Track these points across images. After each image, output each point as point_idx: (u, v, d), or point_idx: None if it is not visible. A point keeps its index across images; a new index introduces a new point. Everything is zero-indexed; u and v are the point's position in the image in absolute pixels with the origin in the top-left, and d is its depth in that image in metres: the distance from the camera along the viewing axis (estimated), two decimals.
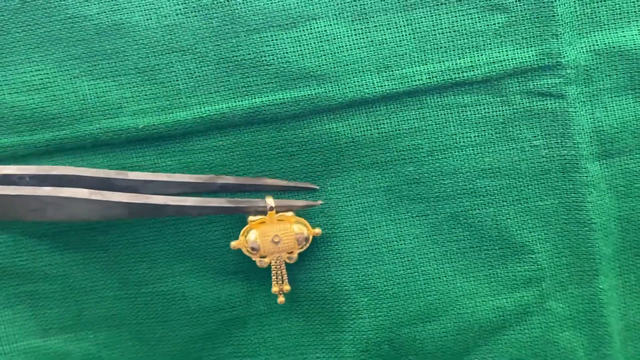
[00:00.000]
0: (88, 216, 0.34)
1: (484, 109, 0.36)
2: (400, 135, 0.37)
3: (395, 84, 0.36)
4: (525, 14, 0.35)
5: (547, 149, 0.37)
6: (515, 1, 0.35)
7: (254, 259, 0.37)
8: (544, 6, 0.35)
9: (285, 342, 0.40)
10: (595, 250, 0.38)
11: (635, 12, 0.36)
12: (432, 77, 0.36)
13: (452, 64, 0.36)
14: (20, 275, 0.38)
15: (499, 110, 0.36)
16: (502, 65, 0.36)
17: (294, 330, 0.40)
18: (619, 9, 0.36)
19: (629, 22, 0.36)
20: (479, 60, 0.36)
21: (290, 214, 0.36)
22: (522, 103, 0.36)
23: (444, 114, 0.36)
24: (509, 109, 0.36)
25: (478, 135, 0.37)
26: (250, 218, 0.36)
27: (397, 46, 0.36)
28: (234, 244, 0.36)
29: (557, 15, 0.35)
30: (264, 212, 0.36)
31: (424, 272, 0.39)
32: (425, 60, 0.36)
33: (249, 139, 0.37)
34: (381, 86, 0.36)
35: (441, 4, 0.35)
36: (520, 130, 0.37)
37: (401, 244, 0.38)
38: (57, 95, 0.36)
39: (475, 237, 0.38)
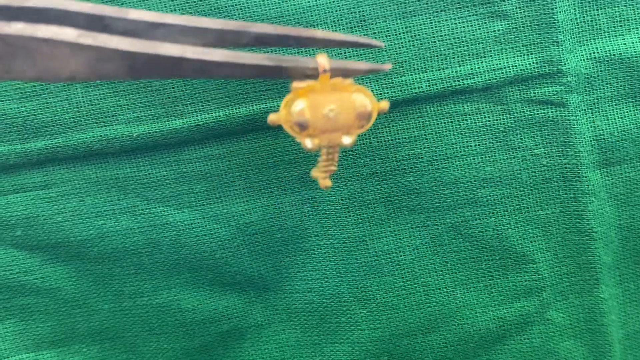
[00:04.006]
0: (72, 73, 0.25)
1: (485, 117, 0.36)
2: (400, 144, 0.37)
3: (394, 92, 0.36)
4: (526, 21, 0.35)
5: (548, 158, 0.37)
6: (516, 8, 0.35)
7: (299, 139, 0.28)
8: (544, 13, 0.35)
9: (282, 354, 0.40)
10: (595, 260, 0.38)
11: (635, 19, 0.36)
12: (432, 85, 0.35)
13: (452, 72, 0.35)
14: (12, 288, 0.38)
15: (500, 119, 0.36)
16: (502, 73, 0.35)
17: (291, 342, 0.40)
18: (620, 16, 0.36)
19: (630, 29, 0.36)
20: (479, 67, 0.35)
21: (349, 81, 0.28)
22: (523, 111, 0.36)
23: (444, 123, 0.36)
24: (510, 118, 0.36)
25: (478, 144, 0.37)
26: (295, 84, 0.28)
27: (396, 53, 0.35)
28: (272, 117, 0.28)
29: (558, 22, 0.35)
30: (314, 76, 0.27)
31: (423, 283, 0.38)
32: (425, 67, 0.35)
33: (246, 147, 0.36)
34: (380, 94, 0.35)
35: (441, 11, 0.35)
36: (521, 139, 0.36)
37: (401, 255, 0.38)
38: (49, 102, 0.35)
39: (476, 248, 0.38)
